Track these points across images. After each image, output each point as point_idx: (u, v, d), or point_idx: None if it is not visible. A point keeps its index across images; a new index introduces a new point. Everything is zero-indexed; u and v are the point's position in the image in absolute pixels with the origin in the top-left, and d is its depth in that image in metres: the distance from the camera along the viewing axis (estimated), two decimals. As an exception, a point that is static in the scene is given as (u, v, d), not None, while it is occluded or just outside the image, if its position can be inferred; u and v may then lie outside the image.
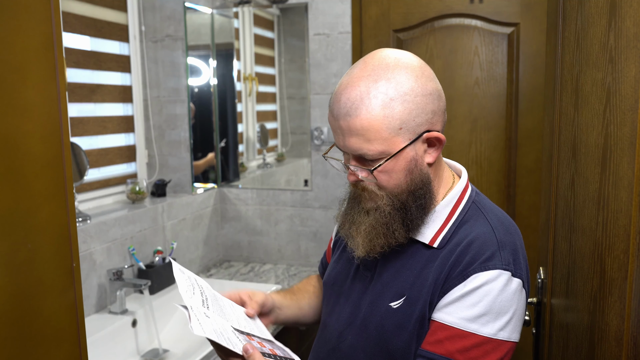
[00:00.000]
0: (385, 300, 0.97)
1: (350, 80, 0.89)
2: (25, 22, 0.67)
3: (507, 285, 0.89)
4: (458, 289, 0.90)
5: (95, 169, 2.06)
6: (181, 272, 0.98)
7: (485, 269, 0.89)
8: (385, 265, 1.00)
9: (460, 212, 0.97)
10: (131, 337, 1.74)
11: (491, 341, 0.87)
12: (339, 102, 0.89)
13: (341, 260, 1.11)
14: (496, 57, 2.07)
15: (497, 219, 0.97)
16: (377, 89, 0.86)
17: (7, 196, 0.65)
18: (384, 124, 0.86)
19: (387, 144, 0.88)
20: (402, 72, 0.88)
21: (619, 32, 0.80)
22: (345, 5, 2.17)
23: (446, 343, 0.88)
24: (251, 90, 2.53)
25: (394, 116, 0.86)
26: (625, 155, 0.77)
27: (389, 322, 0.95)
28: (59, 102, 0.72)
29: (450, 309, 0.89)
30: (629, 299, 0.75)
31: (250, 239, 2.47)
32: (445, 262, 0.93)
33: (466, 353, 0.87)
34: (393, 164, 0.90)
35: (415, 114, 0.88)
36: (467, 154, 2.14)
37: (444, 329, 0.89)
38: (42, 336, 0.71)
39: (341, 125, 0.89)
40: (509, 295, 0.89)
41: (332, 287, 1.10)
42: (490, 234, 0.93)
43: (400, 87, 0.87)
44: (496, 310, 0.87)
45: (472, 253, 0.91)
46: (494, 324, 0.87)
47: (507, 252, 0.92)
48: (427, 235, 0.97)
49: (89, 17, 2.01)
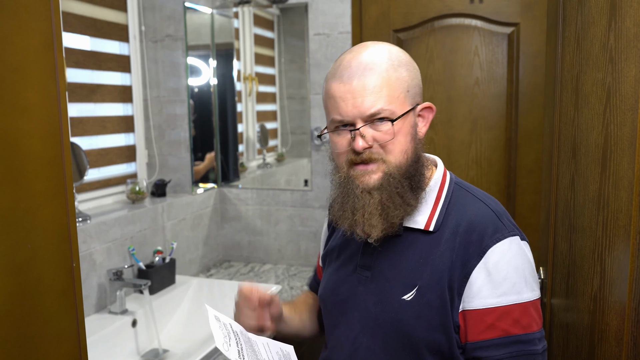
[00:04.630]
0: (395, 294, 0.97)
1: (354, 54, 0.95)
2: (25, 22, 0.67)
3: (520, 248, 0.94)
4: (480, 269, 0.92)
5: (95, 169, 2.06)
6: (217, 319, 0.95)
7: (497, 240, 0.93)
8: (384, 260, 1.00)
9: (446, 194, 1.01)
10: (131, 337, 1.74)
11: (532, 303, 0.92)
12: (349, 67, 0.93)
13: (338, 269, 1.09)
14: (496, 57, 2.07)
15: (482, 194, 1.03)
16: (384, 56, 0.94)
17: (7, 196, 0.65)
18: (397, 84, 0.93)
19: (398, 104, 0.93)
20: (397, 49, 0.98)
21: (619, 32, 0.80)
22: (345, 5, 2.17)
23: (498, 324, 0.90)
24: (251, 90, 2.53)
25: (403, 78, 0.94)
26: (625, 155, 0.77)
27: (405, 315, 0.95)
28: (59, 102, 0.72)
29: (485, 292, 0.91)
30: (629, 299, 0.75)
31: (250, 239, 2.47)
32: (452, 245, 0.95)
33: (518, 324, 0.90)
34: (402, 124, 0.94)
35: (414, 83, 0.97)
36: (467, 154, 2.14)
37: (489, 313, 0.91)
38: (42, 336, 0.71)
39: (354, 87, 0.91)
40: (525, 257, 0.95)
41: (331, 297, 1.09)
42: (485, 208, 0.98)
43: (402, 59, 0.96)
44: (522, 275, 0.92)
45: (477, 230, 0.94)
46: (526, 287, 0.92)
47: (505, 219, 0.97)
48: (421, 222, 0.98)
49: (89, 17, 2.01)
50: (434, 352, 0.94)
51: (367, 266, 1.02)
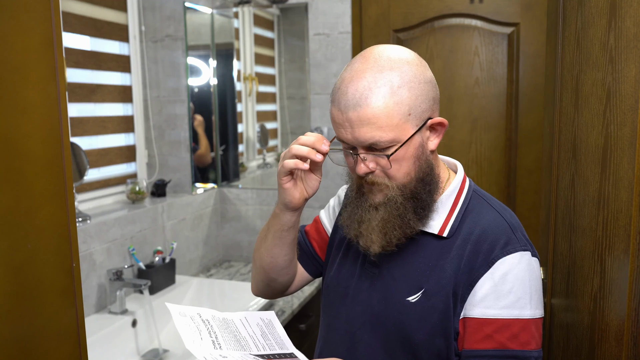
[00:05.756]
0: (400, 295, 0.97)
1: (353, 73, 0.91)
2: (25, 22, 0.67)
3: (529, 264, 0.92)
4: (486, 278, 0.91)
5: (95, 169, 2.06)
6: (182, 316, 0.91)
7: (508, 253, 0.91)
8: (394, 260, 1.00)
9: (463, 201, 0.99)
10: (131, 337, 1.74)
11: (534, 321, 0.91)
12: (345, 94, 0.89)
13: (346, 263, 1.09)
14: (496, 57, 2.07)
15: (499, 205, 1.01)
16: (383, 78, 0.88)
17: (7, 196, 0.65)
18: (395, 110, 0.88)
19: (398, 131, 0.89)
20: (402, 61, 0.91)
21: (619, 32, 0.80)
22: (345, 5, 2.17)
23: (495, 336, 0.89)
24: (251, 90, 2.53)
25: (403, 102, 0.88)
26: (625, 155, 0.77)
27: (408, 317, 0.95)
28: (59, 102, 0.72)
29: (488, 302, 0.91)
30: (629, 299, 0.75)
31: (250, 239, 2.47)
32: (462, 252, 0.94)
33: (516, 339, 0.89)
34: (404, 151, 0.91)
35: (420, 100, 0.91)
36: (467, 154, 2.14)
37: (489, 323, 0.90)
38: (42, 336, 0.71)
39: (350, 117, 0.89)
40: (534, 274, 0.92)
41: (335, 288, 1.09)
42: (499, 219, 0.96)
43: (405, 75, 0.89)
44: (528, 291, 0.91)
45: (489, 240, 0.93)
46: (530, 305, 0.91)
47: (519, 233, 0.95)
48: (435, 226, 0.97)
49: (89, 17, 2.01)
50: (432, 357, 0.94)
51: (376, 263, 1.02)
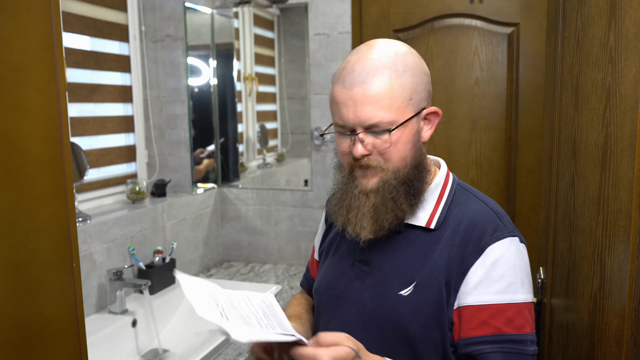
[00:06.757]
0: (392, 289, 0.97)
1: (359, 56, 0.94)
2: (25, 22, 0.67)
3: (518, 249, 0.95)
4: (478, 266, 0.93)
5: (95, 169, 2.06)
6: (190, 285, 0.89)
7: (497, 239, 0.94)
8: (383, 256, 1.00)
9: (448, 194, 1.02)
10: (131, 337, 1.74)
11: (526, 305, 0.93)
12: (352, 72, 0.92)
13: (336, 264, 1.09)
14: (496, 57, 2.07)
15: (483, 196, 1.04)
16: (389, 61, 0.92)
17: (7, 196, 0.65)
18: (399, 92, 0.91)
19: (399, 113, 0.92)
20: (405, 52, 0.95)
21: (619, 32, 0.80)
22: (345, 5, 2.17)
23: (491, 321, 0.91)
24: (251, 90, 2.53)
25: (406, 86, 0.92)
26: (625, 155, 0.77)
27: (402, 311, 0.96)
28: (59, 102, 0.72)
29: (481, 289, 0.92)
30: (629, 299, 0.75)
31: (250, 239, 2.47)
32: (451, 243, 0.96)
33: (511, 323, 0.91)
34: (401, 133, 0.93)
35: (420, 88, 0.95)
36: (467, 154, 2.14)
37: (484, 309, 0.91)
38: (42, 336, 0.71)
39: (355, 94, 0.91)
40: (523, 259, 0.95)
41: (326, 292, 1.09)
42: (485, 208, 0.99)
43: (408, 62, 0.94)
44: (520, 276, 0.93)
45: (478, 228, 0.95)
46: (522, 289, 0.93)
47: (506, 220, 0.98)
48: (422, 218, 0.99)
49: (89, 17, 2.01)
50: (428, 348, 0.95)
51: (365, 261, 1.02)
